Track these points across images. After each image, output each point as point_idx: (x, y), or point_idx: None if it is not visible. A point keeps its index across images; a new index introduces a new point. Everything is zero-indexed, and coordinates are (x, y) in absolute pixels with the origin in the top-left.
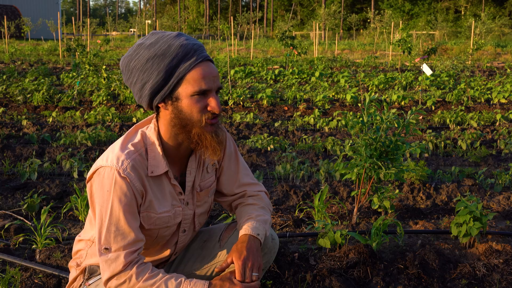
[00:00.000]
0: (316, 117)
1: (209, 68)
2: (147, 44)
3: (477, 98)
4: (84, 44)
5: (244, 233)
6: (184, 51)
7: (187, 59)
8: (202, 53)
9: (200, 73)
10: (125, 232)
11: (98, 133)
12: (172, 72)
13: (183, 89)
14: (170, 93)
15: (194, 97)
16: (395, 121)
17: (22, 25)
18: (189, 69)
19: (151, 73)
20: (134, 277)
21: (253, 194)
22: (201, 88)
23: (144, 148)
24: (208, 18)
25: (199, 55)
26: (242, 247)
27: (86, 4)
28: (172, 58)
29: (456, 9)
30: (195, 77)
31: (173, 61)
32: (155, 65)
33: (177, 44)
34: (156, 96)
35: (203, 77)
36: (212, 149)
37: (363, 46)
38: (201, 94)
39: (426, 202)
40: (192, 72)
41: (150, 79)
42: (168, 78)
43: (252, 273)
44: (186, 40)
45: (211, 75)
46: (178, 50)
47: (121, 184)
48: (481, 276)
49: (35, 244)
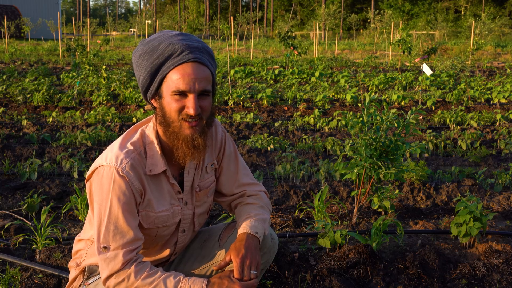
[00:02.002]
0: (316, 117)
1: (192, 69)
2: (146, 41)
3: (477, 98)
4: (84, 44)
5: (242, 232)
6: (170, 50)
7: (172, 58)
8: (191, 54)
9: (180, 73)
10: (124, 231)
11: (98, 133)
12: (157, 70)
13: (165, 87)
14: (156, 90)
15: (174, 96)
16: (395, 121)
17: (22, 25)
18: (171, 68)
19: (141, 69)
20: (132, 275)
21: (253, 193)
22: (179, 89)
23: (143, 147)
24: (208, 18)
25: (185, 56)
26: (240, 245)
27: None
28: (157, 56)
29: (456, 9)
30: (174, 77)
31: (158, 59)
32: (144, 62)
33: (166, 43)
34: (147, 92)
35: (182, 77)
36: (182, 152)
37: (363, 46)
38: (180, 94)
39: (426, 202)
40: (173, 71)
41: (141, 75)
42: (154, 76)
43: (250, 271)
44: (180, 40)
45: (192, 76)
46: (165, 49)
47: (120, 183)
48: (481, 276)
49: (35, 244)
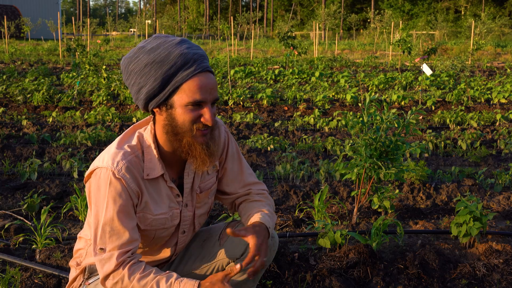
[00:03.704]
0: (316, 117)
1: (206, 79)
2: (147, 49)
3: (477, 98)
4: (84, 44)
5: (258, 220)
6: (183, 60)
7: (185, 69)
8: (202, 63)
9: (196, 84)
10: (120, 232)
11: (98, 133)
12: (169, 80)
13: (178, 98)
14: (165, 100)
15: (188, 107)
16: (395, 121)
17: (22, 25)
18: (186, 79)
19: (148, 79)
20: (126, 277)
21: (259, 192)
22: (196, 99)
23: (140, 150)
24: (208, 18)
25: (198, 66)
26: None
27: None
28: (170, 66)
29: (456, 9)
30: (191, 87)
31: (171, 69)
32: (152, 71)
33: (177, 53)
34: (151, 101)
35: (199, 88)
36: (201, 160)
37: (363, 46)
38: (195, 105)
39: (426, 202)
40: (189, 82)
41: (146, 84)
42: (164, 86)
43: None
44: (187, 49)
45: (208, 86)
46: (177, 59)
47: (116, 185)
48: (481, 276)
49: (35, 244)
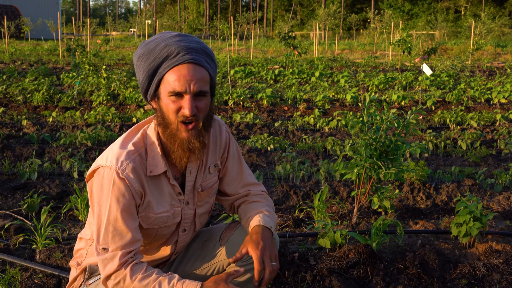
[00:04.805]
0: (316, 117)
1: (187, 70)
2: (145, 43)
3: (477, 98)
4: (84, 44)
5: (257, 224)
6: (167, 51)
7: (168, 60)
8: (186, 55)
9: (175, 75)
10: (123, 233)
11: (98, 133)
12: (155, 72)
13: (162, 88)
14: (155, 91)
15: (171, 97)
16: (395, 121)
17: (22, 25)
18: (167, 70)
19: (140, 71)
20: (128, 277)
21: (258, 193)
22: (175, 90)
23: (144, 147)
24: (208, 18)
25: (181, 57)
26: (258, 238)
27: (86, 4)
28: (154, 58)
29: (456, 9)
30: (170, 78)
31: (155, 61)
32: (142, 63)
33: (163, 45)
34: (147, 94)
35: (178, 78)
36: (177, 155)
37: (363, 46)
38: (176, 95)
39: (426, 202)
40: (169, 73)
41: (140, 76)
42: (151, 78)
43: (271, 263)
44: (177, 42)
45: (187, 77)
46: (161, 50)
47: (120, 185)
48: (481, 276)
49: (35, 244)
